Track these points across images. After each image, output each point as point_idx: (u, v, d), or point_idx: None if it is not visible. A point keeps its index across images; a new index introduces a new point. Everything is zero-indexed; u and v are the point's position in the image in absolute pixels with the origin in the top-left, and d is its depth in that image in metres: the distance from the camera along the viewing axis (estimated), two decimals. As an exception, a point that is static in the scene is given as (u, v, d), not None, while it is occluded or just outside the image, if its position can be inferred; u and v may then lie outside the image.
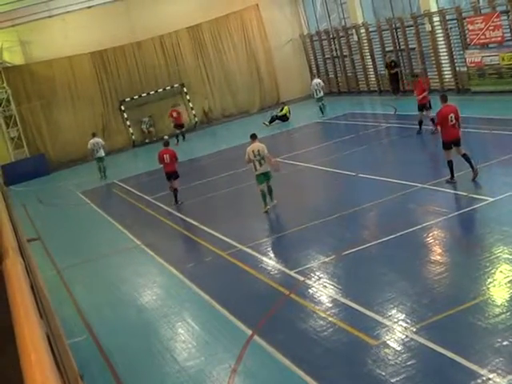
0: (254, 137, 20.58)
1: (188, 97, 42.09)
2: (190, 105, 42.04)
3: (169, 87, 41.70)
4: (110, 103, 41.26)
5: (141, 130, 41.47)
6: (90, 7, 39.03)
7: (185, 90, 41.96)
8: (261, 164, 19.86)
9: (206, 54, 42.67)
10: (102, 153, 32.96)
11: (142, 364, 11.99)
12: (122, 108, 40.98)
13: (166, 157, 23.32)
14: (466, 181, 18.44)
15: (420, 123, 25.33)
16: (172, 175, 23.44)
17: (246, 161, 20.19)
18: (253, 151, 19.90)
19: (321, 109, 35.87)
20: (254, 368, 10.83)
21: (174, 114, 38.81)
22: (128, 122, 41.32)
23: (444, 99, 18.63)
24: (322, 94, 35.82)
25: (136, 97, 41.17)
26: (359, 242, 15.52)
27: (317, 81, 36.58)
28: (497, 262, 12.51)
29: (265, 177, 20.05)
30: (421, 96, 25.41)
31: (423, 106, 25.42)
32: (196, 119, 42.23)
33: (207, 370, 11.10)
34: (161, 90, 41.49)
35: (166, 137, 31.34)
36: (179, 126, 38.75)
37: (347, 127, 32.21)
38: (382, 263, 14.12)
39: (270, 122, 36.62)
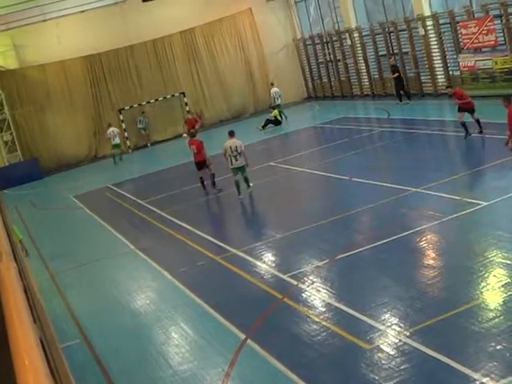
0: (232, 134, 22.60)
1: (187, 104, 41.97)
2: (187, 108, 42.01)
3: (169, 96, 41.68)
4: (103, 107, 41.21)
5: (137, 129, 41.28)
6: (83, 11, 39.02)
7: (185, 99, 41.90)
8: (236, 159, 21.92)
9: (200, 57, 42.71)
10: (117, 140, 37.54)
11: (135, 368, 11.97)
12: (121, 117, 40.84)
13: (193, 148, 24.13)
14: (460, 184, 18.49)
15: (463, 125, 23.33)
16: (201, 165, 24.09)
17: (224, 156, 22.16)
18: (230, 147, 21.95)
19: (281, 114, 37.58)
20: (247, 372, 10.82)
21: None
22: (126, 133, 41.17)
23: (508, 101, 17.50)
24: (279, 101, 38.22)
25: (135, 105, 41.15)
26: (353, 246, 15.53)
27: (275, 89, 38.78)
28: (490, 266, 12.53)
29: (239, 170, 22.17)
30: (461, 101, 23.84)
31: (465, 110, 23.61)
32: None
33: (200, 374, 11.08)
34: (161, 98, 41.52)
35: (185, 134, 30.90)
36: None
37: (341, 131, 32.24)
38: (375, 267, 14.12)
39: (264, 126, 36.70)
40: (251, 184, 22.59)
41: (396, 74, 35.20)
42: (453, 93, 24.88)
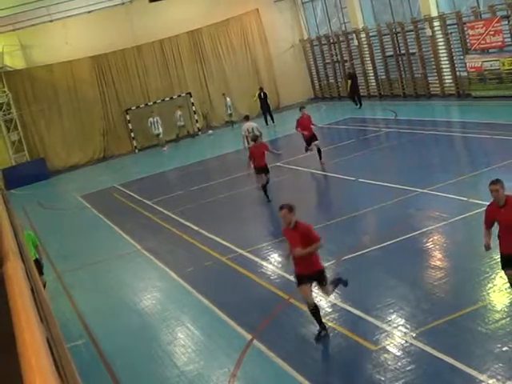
0: (247, 117, 27.66)
1: (194, 106, 41.91)
2: (194, 108, 41.97)
3: (176, 96, 41.65)
4: (111, 107, 41.24)
5: (153, 135, 39.86)
6: (90, 12, 39.08)
7: (192, 100, 41.85)
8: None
9: (206, 58, 42.70)
10: (181, 122, 40.32)
11: (141, 368, 11.98)
12: (128, 118, 40.77)
13: (260, 151, 21.96)
14: (467, 185, 18.45)
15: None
16: (264, 170, 21.95)
17: (243, 137, 25.70)
18: (247, 129, 25.74)
19: (232, 123, 40.49)
20: (253, 373, 10.83)
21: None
22: (132, 134, 41.03)
23: None
24: (231, 111, 40.80)
25: (142, 105, 41.07)
26: (359, 247, 15.52)
27: (228, 99, 40.90)
28: (497, 268, 12.48)
29: None
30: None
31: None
32: (198, 125, 42.12)
33: (206, 374, 11.09)
34: (168, 98, 41.46)
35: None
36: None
37: (347, 132, 32.23)
38: (381, 268, 14.11)
39: (272, 120, 38.49)
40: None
41: (349, 82, 38.06)
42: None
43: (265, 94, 39.69)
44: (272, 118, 39.03)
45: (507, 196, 10.20)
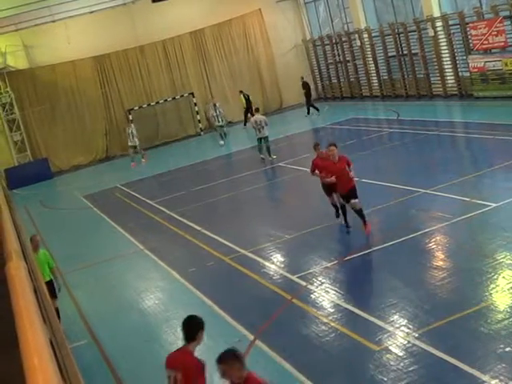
0: (257, 110, 29.46)
1: (196, 107, 41.91)
2: (196, 108, 41.93)
3: (178, 96, 41.64)
4: (114, 107, 41.24)
5: (129, 148, 37.05)
6: (92, 12, 39.06)
7: (194, 100, 41.83)
8: (260, 131, 27.29)
9: (209, 58, 42.71)
10: (221, 121, 36.04)
11: (143, 368, 11.97)
12: (130, 118, 40.64)
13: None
14: (469, 186, 18.44)
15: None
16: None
17: (252, 127, 27.98)
18: (255, 121, 27.66)
19: (222, 135, 36.23)
20: (255, 372, 10.81)
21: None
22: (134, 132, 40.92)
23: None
24: (222, 121, 36.42)
25: (145, 105, 41.06)
26: (362, 247, 15.51)
27: (217, 104, 36.97)
28: (499, 268, 12.50)
29: (263, 140, 27.57)
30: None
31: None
32: (200, 125, 42.09)
33: (209, 374, 11.07)
34: (170, 99, 41.46)
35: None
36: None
37: (350, 132, 32.20)
38: (384, 268, 14.11)
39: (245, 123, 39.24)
40: (274, 156, 27.65)
41: (304, 91, 39.90)
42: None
43: (248, 95, 40.34)
44: (245, 122, 39.55)
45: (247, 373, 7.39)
